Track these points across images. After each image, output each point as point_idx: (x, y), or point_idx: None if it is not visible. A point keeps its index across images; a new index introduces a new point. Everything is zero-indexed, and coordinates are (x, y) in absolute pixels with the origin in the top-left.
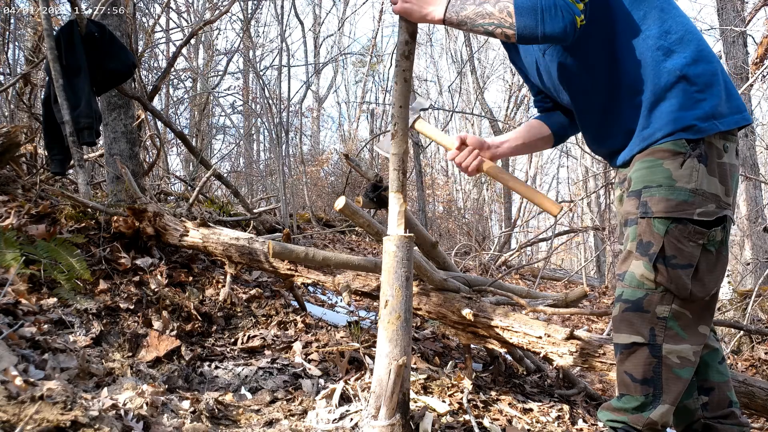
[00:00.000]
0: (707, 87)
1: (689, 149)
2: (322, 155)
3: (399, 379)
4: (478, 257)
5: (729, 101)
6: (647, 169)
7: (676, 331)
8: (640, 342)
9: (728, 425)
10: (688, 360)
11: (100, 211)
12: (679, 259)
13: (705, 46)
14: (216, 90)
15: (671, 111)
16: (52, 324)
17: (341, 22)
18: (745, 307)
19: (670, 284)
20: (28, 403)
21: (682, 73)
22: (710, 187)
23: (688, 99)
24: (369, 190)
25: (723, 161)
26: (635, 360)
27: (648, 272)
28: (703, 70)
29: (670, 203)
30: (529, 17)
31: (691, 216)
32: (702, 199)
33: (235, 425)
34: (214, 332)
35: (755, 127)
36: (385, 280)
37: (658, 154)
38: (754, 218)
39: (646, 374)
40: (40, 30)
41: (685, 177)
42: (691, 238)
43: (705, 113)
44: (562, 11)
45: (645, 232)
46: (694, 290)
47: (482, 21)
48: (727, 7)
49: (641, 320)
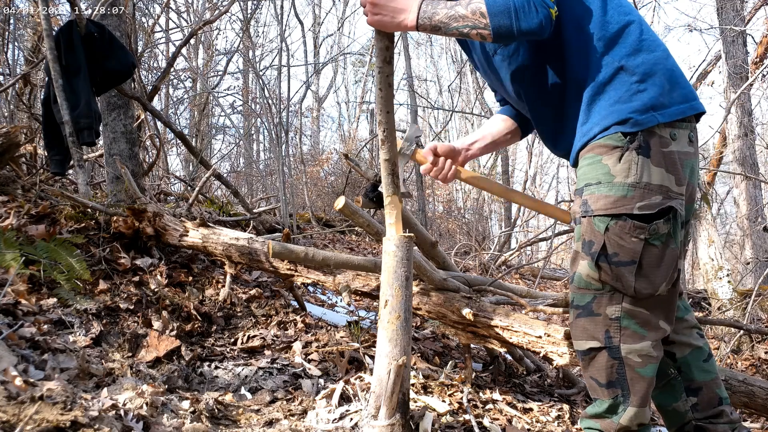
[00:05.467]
0: (647, 77)
1: (626, 142)
2: (322, 155)
3: (399, 379)
4: (478, 257)
5: (673, 91)
6: (588, 166)
7: (633, 329)
8: (597, 346)
9: (720, 424)
10: (650, 357)
11: (100, 212)
12: (621, 255)
13: (648, 34)
14: (216, 90)
15: (608, 105)
16: (52, 324)
17: (341, 22)
18: (745, 306)
19: (615, 282)
20: (27, 403)
21: (620, 64)
22: (655, 178)
23: (627, 91)
24: (369, 190)
25: (670, 150)
26: (597, 365)
27: (592, 272)
28: (644, 60)
29: (608, 200)
30: (503, 16)
31: (631, 211)
32: (644, 192)
33: (235, 425)
34: (213, 332)
35: (755, 127)
36: (384, 279)
37: (597, 149)
38: (754, 218)
39: (610, 377)
40: (40, 30)
41: (624, 171)
42: (631, 233)
43: (643, 105)
44: (536, 6)
45: (587, 231)
46: (638, 287)
47: (456, 24)
48: (727, 6)
49: (594, 324)
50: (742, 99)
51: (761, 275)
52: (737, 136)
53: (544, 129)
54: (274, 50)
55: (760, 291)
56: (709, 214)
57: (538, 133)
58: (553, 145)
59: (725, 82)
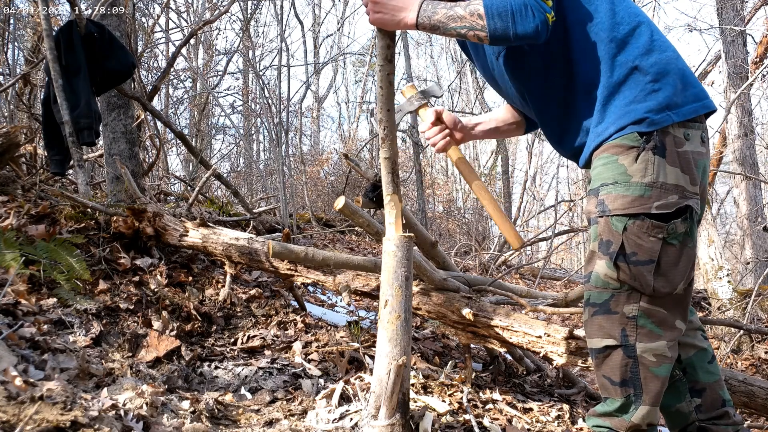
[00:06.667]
0: (661, 76)
1: (642, 142)
2: (322, 155)
3: (399, 379)
4: (478, 257)
5: (686, 90)
6: (603, 166)
7: (649, 328)
8: (613, 344)
9: (723, 426)
10: (664, 357)
11: (100, 212)
12: (640, 255)
13: (658, 35)
14: (216, 90)
15: (623, 105)
16: (52, 324)
17: (341, 22)
18: (745, 306)
19: (633, 281)
20: (27, 403)
21: (634, 64)
22: (671, 177)
23: (641, 91)
24: (369, 190)
25: (684, 150)
26: (611, 363)
27: (611, 271)
28: (657, 60)
29: (626, 200)
30: (499, 19)
31: (649, 210)
32: (660, 192)
33: (235, 425)
34: (213, 332)
35: (755, 127)
36: (384, 279)
37: (613, 149)
38: (754, 218)
39: (624, 376)
40: (40, 30)
41: (641, 171)
42: (649, 233)
43: (659, 104)
44: (533, 11)
45: (604, 230)
46: (657, 286)
47: (454, 24)
48: (727, 6)
49: (611, 322)
50: (742, 99)
51: (761, 275)
52: (737, 135)
53: (549, 130)
54: (274, 50)
55: (760, 291)
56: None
57: (544, 134)
58: (560, 146)
59: (725, 82)
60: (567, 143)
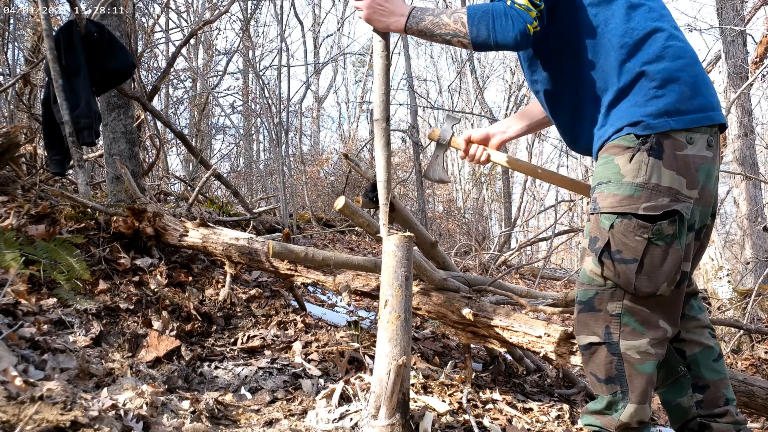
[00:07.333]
0: (667, 83)
1: (638, 144)
2: (322, 155)
3: (399, 379)
4: (478, 257)
5: (693, 98)
6: (601, 166)
7: (633, 326)
8: (597, 341)
9: (724, 424)
10: (648, 354)
11: (100, 212)
12: (625, 253)
13: (675, 42)
14: (216, 90)
15: (625, 108)
16: (52, 324)
17: (341, 22)
18: (745, 306)
19: (617, 279)
20: (27, 403)
21: (641, 69)
22: (665, 180)
23: (644, 96)
24: (369, 190)
25: (685, 153)
26: (597, 360)
27: (595, 267)
28: (666, 67)
29: (615, 198)
30: (481, 27)
31: (636, 210)
32: (651, 193)
33: (235, 425)
34: (213, 332)
35: (755, 127)
36: (384, 279)
37: (611, 150)
38: (754, 218)
39: (609, 373)
40: (40, 30)
41: (633, 171)
42: (635, 232)
43: (658, 110)
44: (512, 20)
45: (594, 228)
46: (639, 285)
47: (439, 31)
48: (727, 6)
49: (595, 320)
50: (742, 99)
51: (761, 275)
52: (737, 135)
53: (562, 129)
54: (274, 50)
55: (760, 291)
56: None
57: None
58: (573, 144)
59: (725, 82)
60: (578, 142)
